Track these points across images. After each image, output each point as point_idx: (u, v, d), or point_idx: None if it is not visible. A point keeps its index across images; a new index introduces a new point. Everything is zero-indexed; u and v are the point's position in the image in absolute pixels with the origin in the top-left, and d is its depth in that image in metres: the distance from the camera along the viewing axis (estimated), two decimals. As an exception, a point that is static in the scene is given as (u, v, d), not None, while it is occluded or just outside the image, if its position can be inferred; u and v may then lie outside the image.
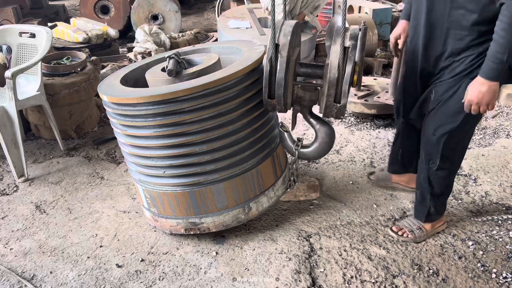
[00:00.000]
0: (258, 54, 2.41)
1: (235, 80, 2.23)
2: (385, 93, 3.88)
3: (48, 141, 3.85)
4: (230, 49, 2.77)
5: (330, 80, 2.16)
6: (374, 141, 3.68)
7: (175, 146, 2.25)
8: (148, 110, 2.16)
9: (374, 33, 5.25)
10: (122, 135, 2.40)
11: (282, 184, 2.64)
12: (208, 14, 8.93)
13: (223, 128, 2.25)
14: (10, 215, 2.86)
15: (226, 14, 5.67)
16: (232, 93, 2.23)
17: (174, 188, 2.37)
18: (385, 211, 2.77)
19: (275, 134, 2.58)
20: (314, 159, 2.62)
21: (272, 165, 2.54)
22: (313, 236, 2.56)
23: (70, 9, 8.92)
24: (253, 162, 2.41)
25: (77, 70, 3.78)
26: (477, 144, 3.59)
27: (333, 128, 2.49)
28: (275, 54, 2.18)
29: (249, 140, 2.37)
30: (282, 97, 2.22)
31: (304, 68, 2.39)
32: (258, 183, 2.47)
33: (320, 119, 2.50)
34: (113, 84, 2.46)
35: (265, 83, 2.23)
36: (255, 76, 2.34)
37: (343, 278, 2.25)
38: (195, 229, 2.47)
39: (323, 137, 2.49)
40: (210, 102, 2.18)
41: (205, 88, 2.14)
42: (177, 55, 2.47)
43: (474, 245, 2.46)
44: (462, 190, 2.97)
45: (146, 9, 6.80)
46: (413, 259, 2.36)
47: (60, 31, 5.45)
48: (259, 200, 2.49)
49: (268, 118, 2.52)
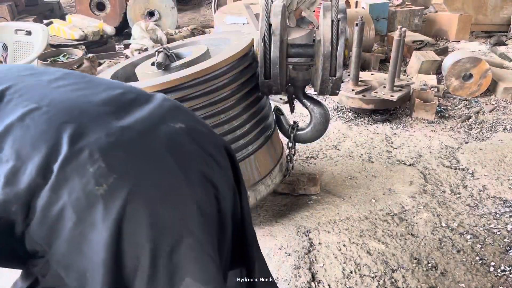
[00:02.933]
0: (246, 42, 2.41)
1: (224, 68, 2.21)
2: (383, 88, 3.89)
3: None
4: (219, 41, 2.76)
5: (324, 53, 2.17)
6: (372, 136, 3.69)
7: None
8: None
9: (371, 28, 5.25)
10: None
11: (279, 172, 2.63)
12: (204, 10, 8.90)
13: (215, 117, 2.24)
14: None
15: (222, 10, 5.65)
16: (221, 82, 2.22)
17: None
18: (384, 206, 2.78)
19: (269, 121, 2.57)
20: (310, 141, 2.62)
21: (268, 152, 2.53)
22: (312, 231, 2.57)
23: (66, 6, 8.86)
24: (248, 150, 2.40)
25: (73, 67, 3.77)
26: (475, 138, 3.60)
27: (327, 108, 2.51)
28: (268, 34, 2.19)
29: (243, 128, 2.35)
30: (278, 76, 2.23)
31: (295, 49, 2.40)
32: (255, 171, 2.46)
33: (314, 100, 2.51)
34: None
35: (260, 63, 2.24)
36: (244, 64, 2.33)
37: (342, 273, 2.26)
38: None
39: (317, 117, 2.50)
40: (200, 92, 2.17)
41: (194, 78, 2.13)
42: (166, 49, 2.47)
43: (472, 238, 2.48)
44: (460, 184, 2.99)
45: (142, 5, 6.77)
46: (412, 253, 2.38)
47: (56, 28, 5.42)
48: (256, 189, 2.48)
49: (261, 105, 2.50)
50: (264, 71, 2.25)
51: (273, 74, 2.23)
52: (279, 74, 2.22)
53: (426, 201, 2.81)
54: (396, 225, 2.60)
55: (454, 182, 3.01)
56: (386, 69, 5.08)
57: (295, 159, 3.35)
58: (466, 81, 4.32)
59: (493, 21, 6.48)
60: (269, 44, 2.19)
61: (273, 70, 2.22)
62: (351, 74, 3.98)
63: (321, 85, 2.26)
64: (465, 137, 3.62)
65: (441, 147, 3.48)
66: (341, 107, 4.24)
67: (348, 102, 3.93)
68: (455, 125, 3.83)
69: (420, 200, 2.82)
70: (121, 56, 5.52)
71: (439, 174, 3.11)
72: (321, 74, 2.21)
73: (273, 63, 2.20)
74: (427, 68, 4.78)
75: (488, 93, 4.40)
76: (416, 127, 3.81)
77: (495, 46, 5.81)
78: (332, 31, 2.16)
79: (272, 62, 2.20)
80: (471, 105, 4.22)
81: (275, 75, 2.23)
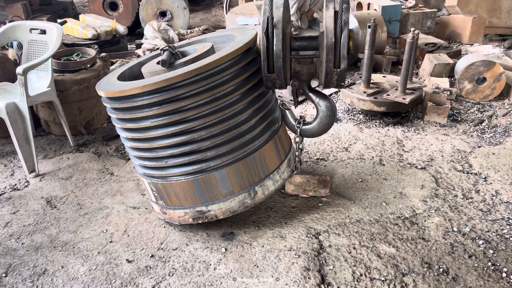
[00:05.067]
0: (250, 36, 2.40)
1: (228, 63, 2.22)
2: (395, 90, 3.86)
3: (58, 137, 3.88)
4: (224, 37, 2.76)
5: (328, 44, 2.14)
6: (383, 139, 3.67)
7: (174, 135, 2.25)
8: (144, 100, 2.18)
9: (383, 30, 5.22)
10: (122, 130, 2.42)
11: (287, 167, 2.62)
12: (216, 10, 8.93)
13: (220, 112, 2.24)
14: (21, 210, 2.89)
15: (234, 11, 5.66)
16: (225, 77, 2.23)
17: (178, 177, 2.38)
18: (395, 209, 2.76)
19: (275, 117, 2.56)
20: (317, 135, 2.59)
21: (275, 147, 2.51)
22: (322, 233, 2.56)
23: (79, 5, 8.95)
24: (254, 146, 2.39)
25: (87, 66, 3.80)
26: (488, 142, 3.56)
27: (333, 101, 2.48)
28: (271, 27, 2.17)
29: (249, 123, 2.35)
30: (282, 70, 2.20)
31: (299, 42, 2.38)
32: (262, 167, 2.45)
33: (320, 93, 2.48)
34: (111, 81, 2.49)
35: (263, 57, 2.21)
36: (247, 58, 2.32)
37: (352, 276, 2.25)
38: (203, 217, 2.47)
39: (324, 111, 2.47)
40: (205, 87, 2.18)
41: (198, 73, 2.14)
42: (171, 47, 2.49)
43: (485, 244, 2.45)
44: (472, 189, 2.95)
45: (154, 5, 6.81)
46: (423, 258, 2.35)
47: (69, 27, 5.48)
48: (264, 184, 2.48)
49: (267, 101, 2.49)
50: (267, 65, 2.21)
51: (276, 68, 2.20)
52: (282, 67, 2.19)
53: (437, 205, 2.78)
54: (407, 229, 2.58)
55: (466, 186, 2.98)
56: (398, 72, 5.05)
57: (305, 160, 3.35)
58: (479, 85, 4.27)
59: (507, 24, 6.40)
60: (271, 37, 2.16)
61: (277, 63, 2.18)
62: (363, 76, 3.96)
63: (326, 78, 2.22)
64: (478, 141, 3.58)
65: (453, 151, 3.44)
66: (352, 109, 4.22)
67: (360, 104, 3.91)
68: (468, 129, 3.79)
69: (432, 204, 2.79)
70: (133, 56, 5.55)
71: (451, 178, 3.08)
72: (325, 67, 2.19)
73: (276, 56, 2.17)
74: (439, 71, 4.74)
75: (502, 97, 4.35)
76: (428, 131, 3.78)
77: (509, 50, 5.74)
78: (336, 22, 2.12)
79: (275, 55, 2.17)
80: (484, 109, 4.18)
81: (278, 68, 2.19)
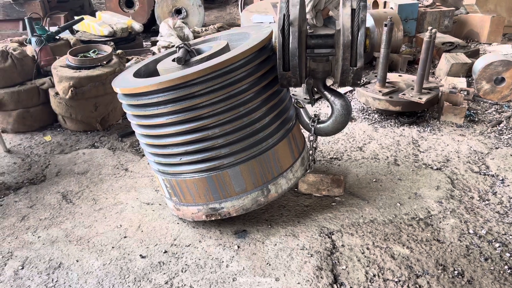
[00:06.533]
0: (265, 34, 2.40)
1: (243, 60, 2.22)
2: (411, 90, 3.82)
3: (74, 133, 3.93)
4: (239, 35, 2.76)
5: (344, 43, 2.12)
6: (398, 138, 3.63)
7: (189, 132, 2.26)
8: (160, 97, 2.19)
9: (400, 29, 5.16)
10: (137, 127, 2.44)
11: (301, 166, 2.60)
12: (230, 8, 8.93)
13: (234, 110, 2.25)
14: (38, 204, 2.93)
15: (249, 9, 5.66)
16: (240, 74, 2.23)
17: (192, 174, 2.39)
18: (409, 210, 2.73)
19: (290, 115, 2.55)
20: (331, 134, 2.57)
21: (289, 146, 2.51)
22: (335, 233, 2.54)
23: (95, 2, 9.05)
24: (268, 144, 2.39)
25: (103, 63, 3.84)
26: (505, 143, 3.50)
27: (348, 100, 2.45)
28: (287, 25, 2.15)
29: (262, 122, 2.35)
30: (298, 68, 2.18)
31: (315, 39, 2.35)
32: (275, 165, 2.44)
33: (335, 91, 2.46)
34: (126, 78, 2.51)
35: (279, 55, 2.20)
36: (263, 56, 2.32)
37: (365, 276, 2.23)
38: (216, 214, 2.48)
39: (339, 109, 2.45)
40: (219, 85, 2.18)
41: (213, 70, 2.14)
42: (186, 45, 2.49)
43: (501, 247, 2.41)
44: (489, 191, 2.91)
45: (169, 3, 6.85)
46: (437, 259, 2.33)
47: (86, 24, 5.54)
48: (277, 182, 2.48)
49: (281, 99, 2.48)
50: (283, 63, 2.20)
51: (292, 66, 2.18)
52: (298, 65, 2.17)
53: (453, 207, 2.74)
54: (422, 230, 2.55)
55: (483, 188, 2.93)
56: (414, 71, 4.99)
57: (319, 159, 3.33)
58: (497, 85, 4.20)
59: (528, 23, 6.28)
60: (287, 35, 2.14)
61: (292, 61, 2.17)
62: (379, 75, 3.92)
63: (342, 76, 2.20)
64: (495, 143, 3.52)
65: (470, 152, 3.39)
66: (367, 109, 4.19)
67: (375, 104, 3.88)
68: (485, 130, 3.73)
69: (447, 206, 2.76)
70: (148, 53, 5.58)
71: (467, 179, 3.04)
72: (341, 65, 2.17)
73: (292, 54, 2.15)
74: (456, 70, 4.67)
75: (521, 97, 4.26)
76: (444, 131, 3.73)
77: (529, 50, 5.62)
78: (353, 20, 2.10)
79: (291, 53, 2.15)
80: (502, 109, 4.10)
81: (294, 66, 2.18)
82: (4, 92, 3.76)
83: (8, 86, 3.80)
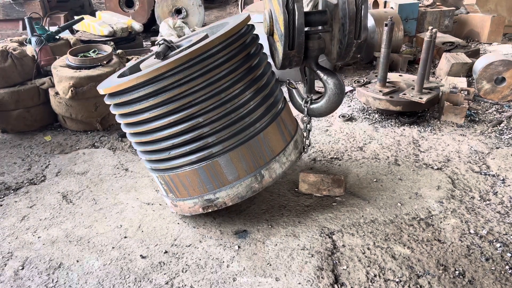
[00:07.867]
0: (241, 19, 2.37)
1: (219, 46, 2.19)
2: (411, 89, 3.81)
3: (74, 133, 3.93)
4: (219, 27, 2.74)
5: (349, 15, 2.08)
6: (398, 138, 3.62)
7: (174, 124, 2.25)
8: (140, 92, 2.19)
9: (400, 29, 5.16)
10: (125, 126, 2.45)
11: (294, 149, 2.56)
12: (230, 8, 8.93)
13: (216, 97, 2.22)
14: (38, 204, 2.93)
15: (249, 8, 5.65)
16: (218, 60, 2.20)
17: (183, 168, 2.38)
18: (410, 210, 2.72)
19: (276, 98, 2.51)
20: (325, 114, 2.50)
21: (279, 129, 2.47)
22: (336, 233, 2.54)
23: (95, 2, 9.05)
24: (256, 129, 2.36)
25: (103, 63, 3.84)
26: (506, 143, 3.49)
27: (341, 79, 2.41)
28: (292, 1, 2.10)
29: (247, 107, 2.32)
30: (303, 45, 2.13)
31: (308, 17, 2.30)
32: (267, 150, 2.42)
33: (327, 70, 2.42)
34: (111, 79, 2.54)
35: (285, 32, 2.13)
36: (240, 40, 2.29)
37: (366, 276, 2.23)
38: (212, 206, 2.47)
39: (332, 89, 2.41)
40: (198, 72, 2.16)
41: (189, 58, 2.13)
42: (166, 41, 2.49)
43: (502, 247, 2.40)
44: (490, 191, 2.90)
45: (170, 3, 6.84)
46: (438, 260, 2.32)
47: (86, 24, 5.53)
48: (270, 167, 2.45)
49: (266, 82, 2.44)
50: (288, 41, 2.14)
51: (297, 44, 2.13)
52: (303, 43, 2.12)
53: (454, 207, 2.74)
54: (423, 230, 2.54)
55: (483, 188, 2.93)
56: (414, 71, 4.98)
57: (319, 159, 3.33)
58: (498, 85, 4.19)
59: (528, 23, 6.28)
60: (292, 11, 2.08)
61: (299, 38, 2.12)
62: (379, 75, 3.92)
63: (345, 49, 2.15)
64: (496, 142, 3.52)
65: (471, 151, 3.39)
66: (367, 108, 4.18)
67: (375, 103, 3.87)
68: (486, 130, 3.73)
69: (448, 206, 2.75)
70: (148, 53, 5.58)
71: (468, 179, 3.03)
72: (346, 37, 2.12)
73: (298, 31, 2.10)
74: (457, 70, 4.66)
75: (521, 97, 4.26)
76: (445, 131, 3.72)
77: (529, 49, 5.62)
78: None
79: (297, 30, 2.10)
80: (503, 109, 4.10)
81: (300, 44, 2.12)
82: (4, 92, 3.76)
83: (8, 86, 3.80)
